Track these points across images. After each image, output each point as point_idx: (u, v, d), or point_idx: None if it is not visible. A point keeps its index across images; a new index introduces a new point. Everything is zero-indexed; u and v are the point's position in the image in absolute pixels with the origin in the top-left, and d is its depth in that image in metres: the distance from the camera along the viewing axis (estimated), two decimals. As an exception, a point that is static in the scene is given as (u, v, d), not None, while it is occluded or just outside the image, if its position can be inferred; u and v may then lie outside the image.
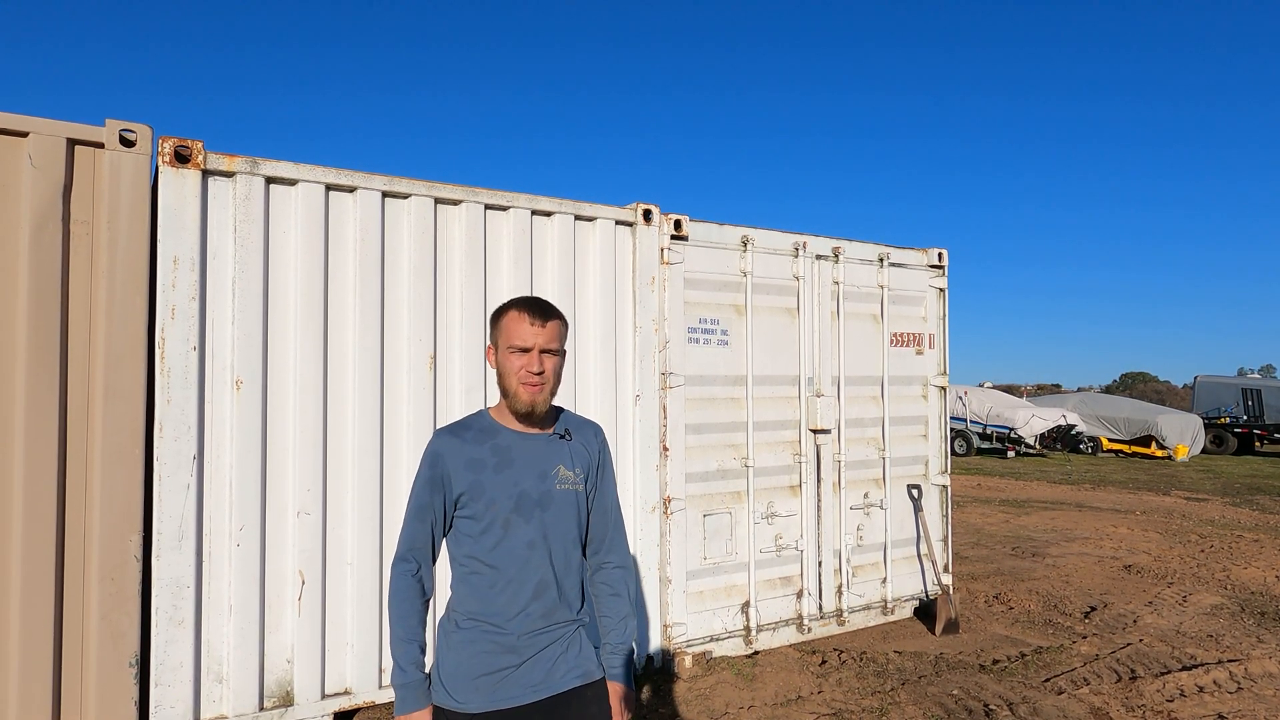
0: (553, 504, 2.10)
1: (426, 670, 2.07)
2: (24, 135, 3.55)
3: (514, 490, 2.07)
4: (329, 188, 4.21)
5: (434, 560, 2.13)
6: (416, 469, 2.16)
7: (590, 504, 2.21)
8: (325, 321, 4.19)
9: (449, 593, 2.14)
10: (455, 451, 2.08)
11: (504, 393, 2.11)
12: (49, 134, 3.58)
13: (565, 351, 2.15)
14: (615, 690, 2.18)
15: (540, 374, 2.05)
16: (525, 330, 2.05)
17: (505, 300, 2.16)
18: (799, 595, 5.69)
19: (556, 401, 2.22)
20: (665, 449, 5.11)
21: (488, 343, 2.16)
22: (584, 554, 2.23)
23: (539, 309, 2.08)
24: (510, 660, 2.04)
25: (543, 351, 2.06)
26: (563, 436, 2.17)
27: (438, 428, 2.22)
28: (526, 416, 2.10)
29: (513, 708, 2.03)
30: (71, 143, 3.64)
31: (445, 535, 2.14)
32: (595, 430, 2.28)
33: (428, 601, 2.11)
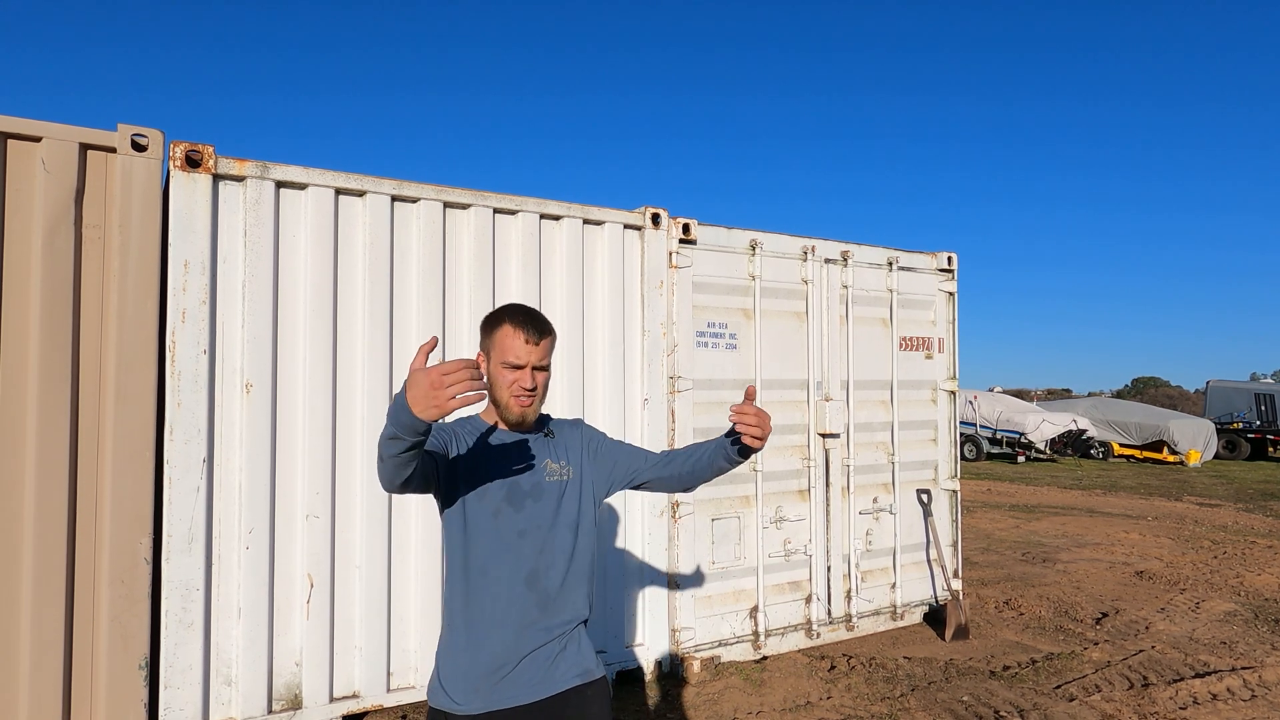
0: (544, 495, 2.13)
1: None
2: (37, 140, 3.58)
3: (505, 481, 2.10)
4: (338, 192, 4.23)
5: (424, 481, 1.98)
6: None
7: (607, 469, 2.25)
8: (335, 325, 4.20)
9: (445, 596, 2.13)
10: (461, 426, 2.15)
11: (495, 402, 2.14)
12: (61, 139, 3.61)
13: (551, 364, 2.19)
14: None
15: (532, 390, 2.10)
16: (520, 348, 2.07)
17: (499, 308, 2.18)
18: (807, 600, 5.67)
19: (563, 404, 2.24)
20: (673, 453, 5.10)
21: (479, 348, 2.16)
22: (591, 553, 2.21)
23: (535, 327, 2.09)
24: (508, 658, 2.03)
25: (535, 368, 2.10)
26: (547, 434, 2.23)
27: None
28: (517, 426, 2.16)
29: (513, 707, 2.03)
30: (84, 147, 3.67)
31: (438, 473, 2.03)
32: (575, 423, 2.35)
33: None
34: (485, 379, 1.99)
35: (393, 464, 1.81)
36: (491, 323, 2.13)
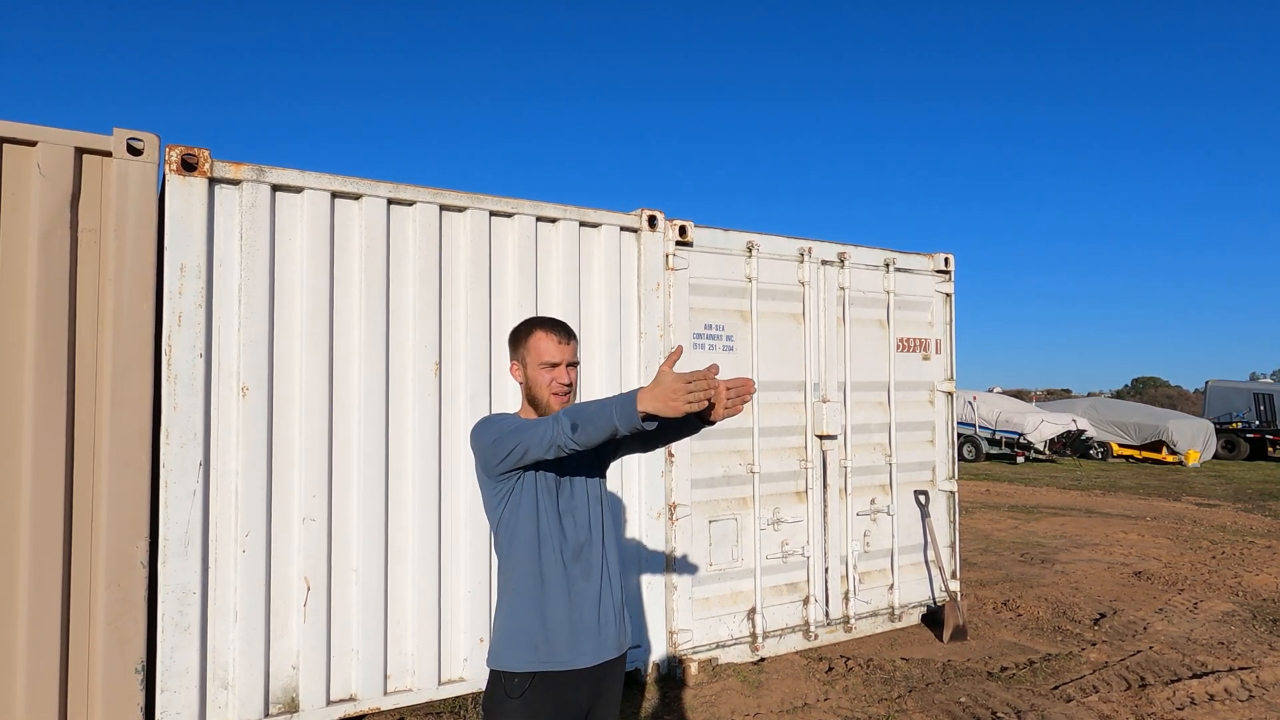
0: (579, 480, 2.36)
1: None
2: (33, 144, 3.58)
3: (551, 469, 2.31)
4: (334, 195, 4.23)
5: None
6: (492, 428, 2.23)
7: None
8: (331, 328, 4.20)
9: (500, 567, 2.34)
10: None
11: (534, 402, 2.36)
12: (57, 143, 3.61)
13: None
14: None
15: (569, 385, 2.35)
16: (554, 348, 2.33)
17: (524, 320, 2.43)
18: (805, 602, 5.67)
19: None
20: (670, 455, 5.11)
21: (511, 360, 2.41)
22: (613, 517, 2.47)
23: (563, 329, 2.36)
24: (560, 624, 2.25)
25: (568, 365, 2.34)
26: None
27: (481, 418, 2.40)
28: None
29: (566, 670, 2.24)
30: (79, 151, 3.67)
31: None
32: None
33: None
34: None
35: (583, 444, 2.02)
36: (521, 333, 2.37)
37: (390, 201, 4.37)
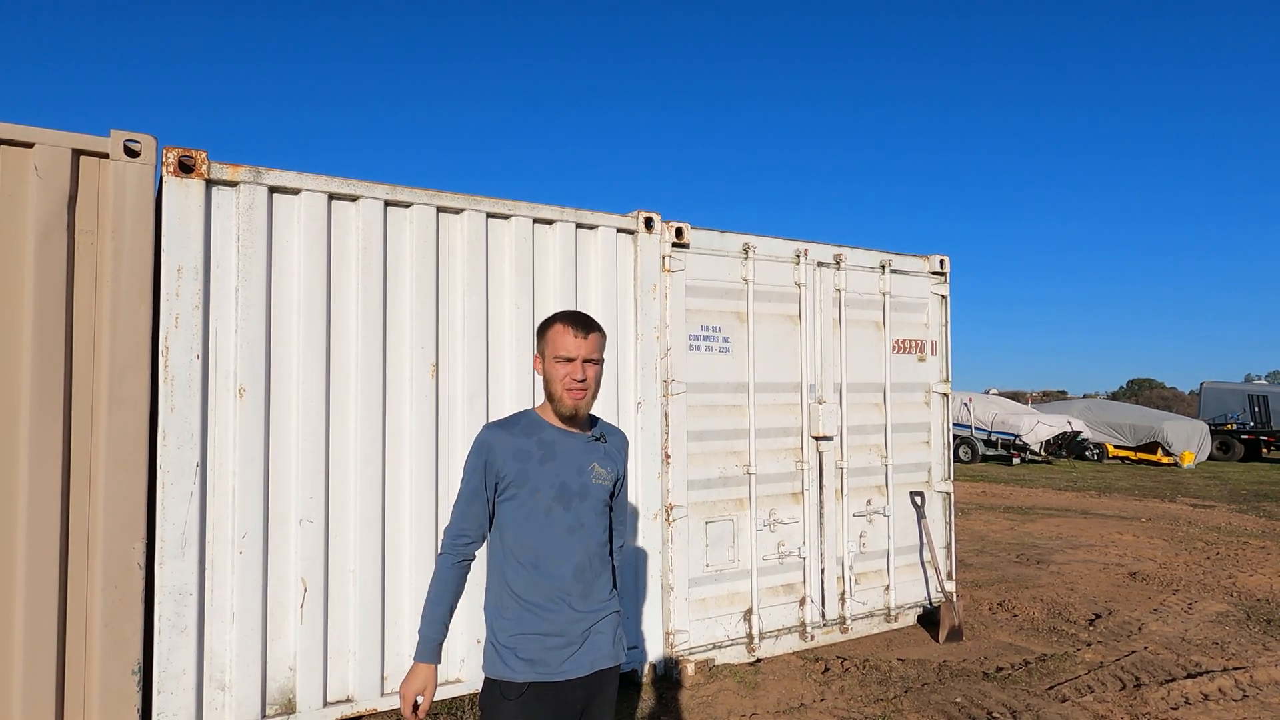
0: (589, 495, 2.33)
1: (441, 642, 2.31)
2: (30, 146, 3.58)
3: (556, 481, 2.29)
4: (332, 197, 4.24)
5: (483, 542, 2.35)
6: (466, 457, 2.35)
7: (613, 501, 2.45)
8: (328, 329, 4.20)
9: (496, 575, 2.33)
10: (504, 442, 2.29)
11: (550, 397, 2.33)
12: (54, 144, 3.62)
13: (604, 360, 2.38)
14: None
15: (583, 381, 2.28)
16: (569, 342, 2.27)
17: (549, 315, 2.42)
18: (802, 603, 5.68)
19: None
20: (667, 456, 5.12)
21: (534, 352, 2.44)
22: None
23: (582, 323, 2.30)
24: (556, 639, 2.25)
25: (585, 361, 2.28)
26: (598, 439, 2.41)
27: (487, 423, 2.42)
28: (570, 419, 2.33)
29: (562, 680, 2.25)
30: (77, 153, 3.67)
31: (492, 519, 2.34)
32: (624, 440, 2.54)
33: (459, 595, 2.34)
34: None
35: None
36: (543, 327, 2.35)
37: (387, 203, 4.38)
